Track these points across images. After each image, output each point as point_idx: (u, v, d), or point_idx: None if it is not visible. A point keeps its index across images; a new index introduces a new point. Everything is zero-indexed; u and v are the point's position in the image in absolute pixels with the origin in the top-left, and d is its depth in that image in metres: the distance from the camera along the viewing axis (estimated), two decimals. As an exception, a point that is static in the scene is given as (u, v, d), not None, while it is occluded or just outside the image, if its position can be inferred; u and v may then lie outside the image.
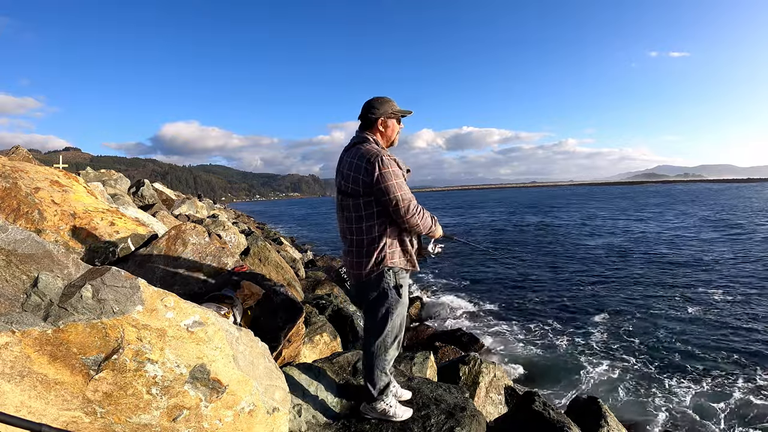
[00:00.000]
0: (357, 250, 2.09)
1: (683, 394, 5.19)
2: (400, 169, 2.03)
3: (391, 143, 2.23)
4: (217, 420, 1.48)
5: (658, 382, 5.50)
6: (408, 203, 1.99)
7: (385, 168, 1.96)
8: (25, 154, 6.26)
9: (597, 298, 9.28)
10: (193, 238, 3.14)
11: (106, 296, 1.36)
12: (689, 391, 5.27)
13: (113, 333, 1.31)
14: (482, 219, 33.22)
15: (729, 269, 11.42)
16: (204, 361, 1.49)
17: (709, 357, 6.11)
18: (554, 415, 2.76)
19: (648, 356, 6.23)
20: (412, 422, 2.25)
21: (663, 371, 5.77)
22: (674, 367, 5.88)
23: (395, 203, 1.98)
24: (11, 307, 1.25)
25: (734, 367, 5.77)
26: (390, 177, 1.96)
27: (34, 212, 2.59)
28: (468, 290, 10.45)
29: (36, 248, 1.50)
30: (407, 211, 2.00)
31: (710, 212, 28.73)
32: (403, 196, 1.98)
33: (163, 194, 12.92)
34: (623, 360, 6.15)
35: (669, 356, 6.21)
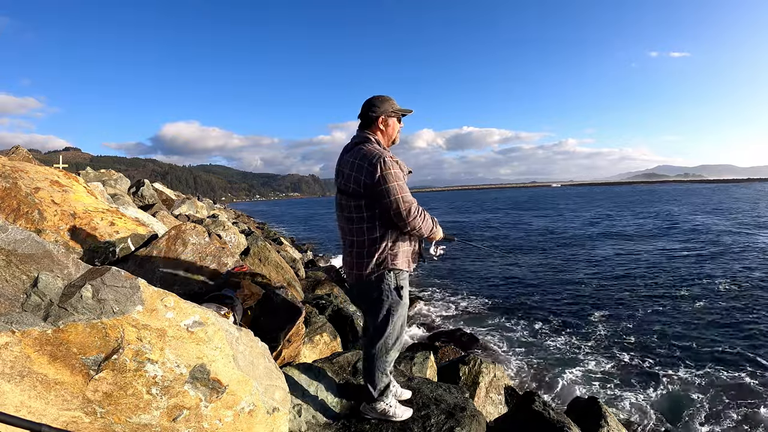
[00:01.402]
0: (357, 250, 2.08)
1: (683, 394, 5.19)
2: (401, 171, 2.01)
3: (392, 141, 2.21)
4: (217, 420, 1.47)
5: (659, 382, 5.50)
6: (409, 206, 1.97)
7: (387, 170, 1.94)
8: (25, 154, 6.26)
9: (598, 297, 9.28)
10: (193, 238, 3.14)
11: (106, 296, 1.36)
12: (689, 391, 5.27)
13: (113, 333, 1.31)
14: (482, 218, 33.24)
15: (732, 264, 11.43)
16: (204, 361, 1.49)
17: (709, 357, 6.11)
18: (554, 415, 2.76)
19: (649, 356, 6.23)
20: (412, 422, 2.25)
21: (664, 371, 5.77)
22: (675, 366, 5.88)
23: (396, 205, 1.96)
24: (11, 307, 1.25)
25: (735, 367, 5.77)
26: (392, 179, 1.94)
27: (34, 212, 2.59)
28: (468, 290, 10.45)
29: (36, 248, 1.50)
30: (408, 213, 1.98)
31: (711, 210, 28.76)
32: (404, 198, 1.97)
33: (163, 194, 12.93)
34: (624, 360, 6.15)
35: (670, 356, 6.21)
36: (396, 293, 2.10)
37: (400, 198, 1.96)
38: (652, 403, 5.05)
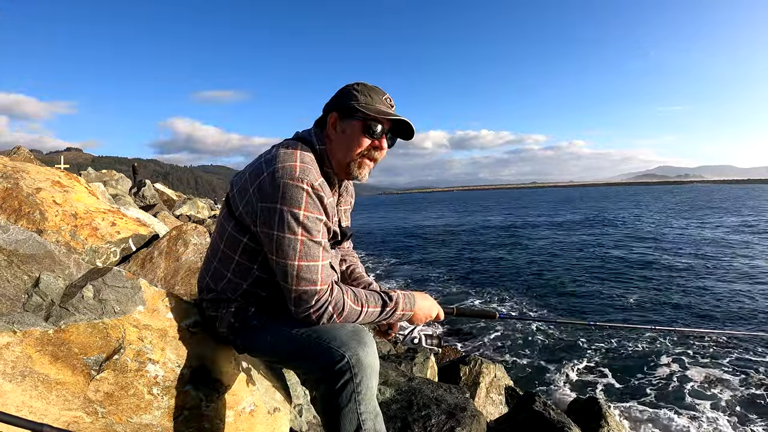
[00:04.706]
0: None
1: (683, 394, 5.18)
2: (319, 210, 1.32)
3: (348, 171, 1.81)
4: (218, 420, 1.48)
5: (659, 381, 5.49)
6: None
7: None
8: (26, 154, 6.28)
9: (599, 298, 9.26)
10: (194, 239, 3.14)
11: (107, 296, 1.36)
12: (690, 390, 5.26)
13: (114, 333, 1.31)
14: (487, 219, 33.15)
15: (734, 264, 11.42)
16: (205, 361, 1.49)
17: (710, 357, 6.10)
18: (554, 416, 2.75)
19: (649, 356, 6.22)
20: (412, 422, 2.25)
21: (665, 371, 5.76)
22: (676, 366, 5.87)
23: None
24: (13, 307, 1.26)
25: (736, 367, 5.76)
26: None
27: (35, 213, 2.60)
28: (468, 290, 10.44)
29: (37, 248, 1.51)
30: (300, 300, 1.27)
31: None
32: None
33: (164, 194, 12.95)
34: (624, 360, 6.14)
35: (670, 356, 6.20)
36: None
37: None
38: (653, 403, 5.04)
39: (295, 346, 1.28)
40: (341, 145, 1.37)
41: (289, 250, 1.20)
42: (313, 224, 1.22)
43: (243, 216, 1.30)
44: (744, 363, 5.84)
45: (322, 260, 1.24)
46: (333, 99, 1.42)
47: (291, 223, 1.19)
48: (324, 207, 1.26)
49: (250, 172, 1.30)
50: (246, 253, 1.35)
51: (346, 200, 1.59)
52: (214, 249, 1.46)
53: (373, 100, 1.37)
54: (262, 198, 1.23)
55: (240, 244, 1.34)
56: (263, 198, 1.22)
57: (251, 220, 1.28)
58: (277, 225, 1.20)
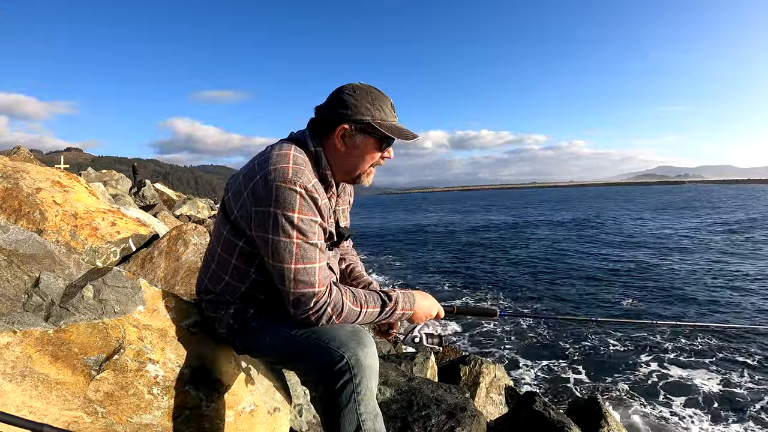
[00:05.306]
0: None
1: (683, 395, 5.18)
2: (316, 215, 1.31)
3: (355, 176, 1.65)
4: (218, 420, 1.48)
5: (659, 381, 5.49)
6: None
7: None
8: (26, 154, 6.28)
9: (599, 299, 9.27)
10: (194, 239, 3.14)
11: (107, 296, 1.36)
12: (690, 391, 5.26)
13: (114, 333, 1.31)
14: (487, 219, 33.18)
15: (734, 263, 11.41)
16: (205, 361, 1.49)
17: (710, 356, 6.10)
18: (555, 416, 2.75)
19: (649, 356, 6.22)
20: (412, 422, 2.25)
21: (664, 371, 5.76)
22: (677, 366, 5.87)
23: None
24: (13, 307, 1.26)
25: (736, 367, 5.76)
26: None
27: (35, 213, 2.60)
28: (468, 288, 10.44)
29: (37, 248, 1.51)
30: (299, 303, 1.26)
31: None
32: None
33: (164, 194, 12.95)
34: (624, 360, 6.14)
35: (671, 356, 6.20)
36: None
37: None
38: (653, 403, 5.04)
39: (294, 347, 1.29)
40: (351, 158, 1.35)
41: (285, 253, 1.19)
42: (308, 226, 1.21)
43: (238, 220, 1.29)
44: (743, 358, 5.84)
45: (319, 262, 1.23)
46: (336, 105, 1.34)
47: (285, 227, 1.18)
48: (318, 208, 1.24)
49: (244, 175, 1.29)
50: (242, 257, 1.34)
51: (344, 200, 1.57)
52: (211, 252, 1.45)
53: (386, 114, 1.33)
54: (255, 202, 1.22)
55: (236, 248, 1.33)
56: (257, 202, 1.21)
57: (246, 224, 1.27)
58: (271, 229, 1.19)
